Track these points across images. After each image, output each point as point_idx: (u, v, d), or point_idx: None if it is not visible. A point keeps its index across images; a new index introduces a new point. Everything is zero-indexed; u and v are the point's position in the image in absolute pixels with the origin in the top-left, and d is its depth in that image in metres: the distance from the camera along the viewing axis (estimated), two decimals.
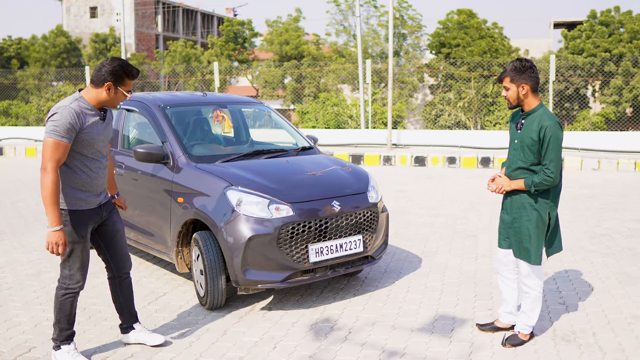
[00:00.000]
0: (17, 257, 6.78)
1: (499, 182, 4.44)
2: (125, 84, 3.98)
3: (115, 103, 4.05)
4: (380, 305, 5.29)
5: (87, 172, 3.99)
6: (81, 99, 3.96)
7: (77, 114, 3.85)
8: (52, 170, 3.75)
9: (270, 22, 38.16)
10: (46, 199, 3.75)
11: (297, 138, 6.35)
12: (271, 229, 4.82)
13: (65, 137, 3.78)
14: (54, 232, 3.77)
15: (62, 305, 4.08)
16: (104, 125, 4.06)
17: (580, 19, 40.76)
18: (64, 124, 3.79)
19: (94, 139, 3.97)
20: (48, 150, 3.77)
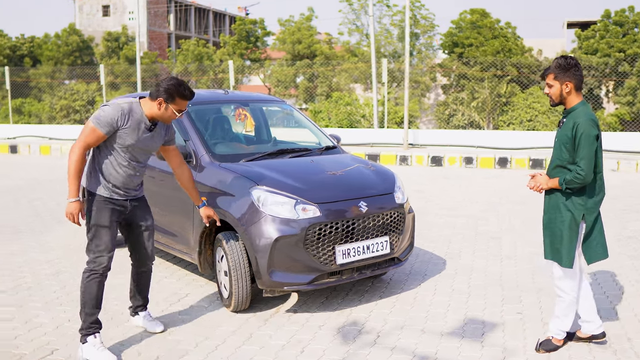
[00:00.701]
0: (35, 257, 6.70)
1: (537, 180, 4.32)
2: (177, 102, 4.16)
3: (165, 119, 4.22)
4: (408, 308, 5.18)
5: (117, 169, 4.21)
6: (136, 103, 4.19)
7: (124, 113, 4.09)
8: (79, 150, 4.03)
9: (283, 21, 38.06)
10: (69, 173, 4.06)
11: (320, 137, 6.24)
12: (298, 229, 4.71)
13: (103, 128, 4.05)
14: (70, 203, 4.09)
15: (87, 287, 4.24)
16: (149, 136, 4.24)
17: (593, 19, 40.42)
18: (107, 116, 4.06)
19: (131, 144, 4.17)
20: (84, 132, 4.09)
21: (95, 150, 4.24)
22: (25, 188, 11.46)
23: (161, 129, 4.37)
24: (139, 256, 4.56)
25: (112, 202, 4.25)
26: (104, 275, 4.27)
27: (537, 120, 26.82)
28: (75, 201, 4.09)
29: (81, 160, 4.05)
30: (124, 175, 4.24)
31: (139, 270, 4.63)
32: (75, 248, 7.05)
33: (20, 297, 5.43)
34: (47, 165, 15.13)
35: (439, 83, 36.58)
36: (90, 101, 26.49)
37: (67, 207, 4.11)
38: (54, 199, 10.22)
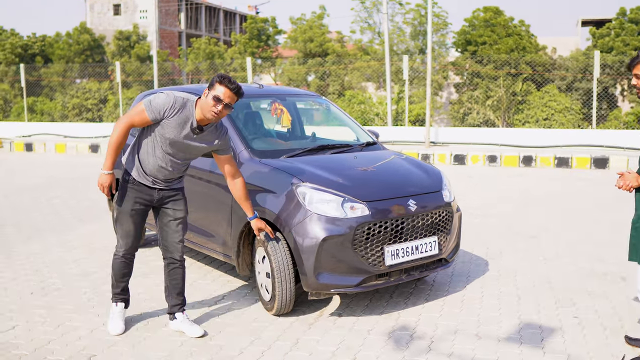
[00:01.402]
0: (60, 256, 6.47)
1: (626, 178, 4.03)
2: (215, 88, 4.04)
3: (207, 108, 4.05)
4: (457, 312, 4.91)
5: (150, 156, 4.20)
6: (191, 102, 4.13)
7: (174, 106, 4.05)
8: (123, 126, 4.07)
9: (294, 20, 37.84)
10: (108, 144, 4.12)
11: (359, 133, 5.98)
12: (346, 229, 4.45)
13: (150, 113, 4.05)
14: (103, 174, 4.15)
15: (113, 264, 4.49)
16: (193, 138, 4.15)
17: (608, 17, 40.04)
18: (158, 104, 4.05)
19: (171, 139, 4.11)
20: (134, 109, 4.11)
21: (141, 131, 4.25)
22: (43, 186, 11.25)
23: (212, 136, 4.24)
24: (166, 246, 4.46)
25: (139, 189, 4.28)
26: (126, 258, 4.43)
27: (553, 119, 26.49)
28: (108, 174, 4.15)
29: (123, 135, 4.08)
30: (155, 165, 4.21)
31: (169, 264, 4.51)
32: (100, 247, 6.82)
33: (50, 299, 5.19)
34: (64, 164, 14.93)
35: (452, 81, 36.26)
36: (102, 100, 26.35)
37: (99, 178, 4.17)
38: (73, 197, 10.01)
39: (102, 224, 7.98)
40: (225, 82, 4.04)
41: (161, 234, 4.49)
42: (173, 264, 4.51)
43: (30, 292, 5.34)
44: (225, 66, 34.61)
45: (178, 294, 4.54)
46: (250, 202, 4.51)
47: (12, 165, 14.72)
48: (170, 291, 4.54)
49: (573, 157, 13.31)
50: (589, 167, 13.20)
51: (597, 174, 12.58)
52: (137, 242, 4.45)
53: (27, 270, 5.97)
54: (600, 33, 36.68)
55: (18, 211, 8.88)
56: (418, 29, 37.51)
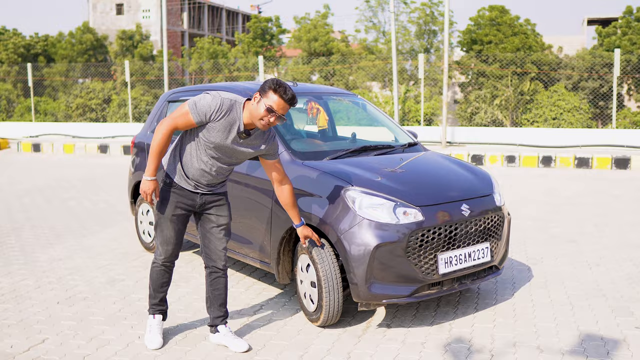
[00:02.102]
0: (83, 263, 6.19)
1: None
2: (268, 96, 3.76)
3: (256, 116, 3.79)
4: (511, 322, 4.64)
5: (193, 161, 3.95)
6: (239, 104, 3.87)
7: (221, 109, 3.78)
8: (166, 129, 3.81)
9: (299, 19, 37.60)
10: (151, 149, 3.85)
11: (398, 133, 5.70)
12: (399, 236, 4.18)
13: (195, 116, 3.78)
14: (146, 181, 3.90)
15: (151, 273, 4.24)
16: (239, 143, 3.90)
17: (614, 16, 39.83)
18: (204, 106, 3.78)
19: (215, 143, 3.86)
20: (178, 112, 3.84)
21: (183, 133, 4.02)
22: (55, 187, 10.97)
23: (259, 140, 3.96)
24: (209, 254, 4.20)
25: (181, 193, 4.03)
26: (166, 266, 4.20)
27: (562, 119, 26.26)
28: (151, 180, 3.90)
29: (166, 139, 3.83)
30: (198, 169, 3.96)
31: (211, 273, 4.23)
32: (124, 253, 6.54)
33: (78, 309, 4.91)
34: (74, 164, 14.66)
35: (457, 81, 35.98)
36: (106, 99, 26.09)
37: (142, 184, 3.93)
38: (88, 199, 9.73)
39: (123, 228, 7.71)
40: (280, 92, 3.74)
41: (203, 241, 4.22)
42: (216, 273, 4.23)
43: (56, 302, 5.07)
44: (229, 65, 34.33)
45: (221, 305, 4.26)
46: (297, 209, 4.24)
47: (21, 166, 14.44)
48: (213, 302, 4.26)
49: (593, 158, 13.05)
50: (609, 168, 12.94)
51: (618, 174, 12.33)
52: (177, 249, 4.18)
53: (51, 278, 5.69)
54: (607, 32, 36.47)
55: (33, 214, 8.61)
56: (423, 28, 37.24)
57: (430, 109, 26.82)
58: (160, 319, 4.29)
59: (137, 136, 6.68)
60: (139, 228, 6.62)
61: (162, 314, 4.32)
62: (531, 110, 28.27)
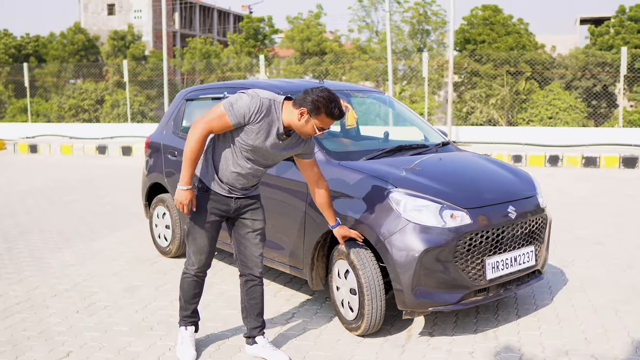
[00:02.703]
0: (98, 269, 5.92)
1: None
2: (321, 119, 3.53)
3: (303, 132, 3.60)
4: (557, 329, 4.43)
5: (229, 165, 3.68)
6: (278, 103, 3.59)
7: (260, 110, 3.51)
8: (200, 133, 3.51)
9: (291, 19, 37.37)
10: (184, 156, 3.57)
11: (428, 132, 5.48)
12: (447, 240, 3.96)
13: (233, 118, 3.50)
14: (181, 191, 3.62)
15: (181, 285, 3.98)
16: (279, 144, 3.64)
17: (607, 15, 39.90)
18: (242, 107, 3.49)
19: (253, 146, 3.60)
20: (212, 113, 3.54)
21: (216, 136, 3.72)
22: (56, 189, 10.67)
23: (297, 140, 3.72)
24: (244, 261, 3.94)
25: (215, 199, 3.77)
26: (199, 277, 3.93)
27: (557, 118, 26.17)
28: (186, 189, 3.61)
29: (201, 144, 3.54)
30: (234, 174, 3.70)
31: (247, 281, 3.98)
32: (138, 258, 6.28)
33: (99, 318, 4.65)
34: (72, 165, 14.35)
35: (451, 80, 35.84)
36: (99, 100, 25.72)
37: (177, 195, 3.64)
38: (92, 201, 9.44)
39: (133, 232, 7.44)
40: (336, 114, 3.52)
41: (238, 247, 3.95)
42: (252, 281, 3.97)
43: (75, 311, 4.81)
44: (222, 66, 34.08)
45: (258, 314, 4.02)
46: (333, 209, 4.01)
47: (19, 168, 14.11)
48: (249, 312, 4.00)
49: (601, 157, 12.91)
50: (617, 167, 12.80)
51: (627, 173, 12.19)
52: (211, 258, 3.92)
53: (65, 285, 5.43)
54: (600, 31, 36.49)
55: (38, 217, 8.31)
56: (416, 28, 37.10)
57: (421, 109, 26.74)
58: (192, 331, 4.05)
59: (152, 136, 6.43)
60: (154, 232, 6.36)
61: (195, 325, 4.08)
62: (527, 109, 28.18)
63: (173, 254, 6.16)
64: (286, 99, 3.63)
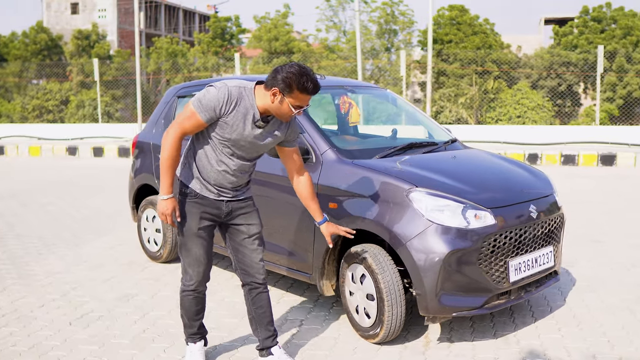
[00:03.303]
0: (86, 276, 5.60)
1: None
2: (295, 96, 3.24)
3: (281, 115, 3.33)
4: (577, 331, 4.29)
5: (212, 163, 3.43)
6: (249, 90, 3.33)
7: (230, 99, 3.26)
8: (173, 138, 3.30)
9: (258, 18, 37.03)
10: (161, 164, 3.36)
11: (433, 129, 5.29)
12: (472, 241, 3.77)
13: (203, 113, 3.27)
14: (162, 201, 3.40)
15: (182, 303, 3.66)
16: (258, 133, 3.37)
17: (570, 16, 40.46)
18: (210, 100, 3.25)
19: (232, 140, 3.35)
20: (182, 115, 3.33)
21: (194, 136, 3.47)
22: (29, 192, 10.21)
23: (278, 126, 3.45)
24: (245, 269, 3.66)
25: (203, 203, 3.48)
26: (199, 292, 3.62)
27: (526, 117, 26.38)
28: (168, 198, 3.39)
29: (176, 149, 3.33)
30: (219, 173, 3.43)
31: (251, 290, 3.69)
32: (128, 264, 5.97)
33: (95, 330, 4.35)
34: (43, 167, 13.86)
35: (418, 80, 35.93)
36: (63, 101, 25.05)
37: (159, 205, 3.41)
38: (69, 204, 9.06)
39: (118, 236, 7.10)
40: (310, 89, 3.22)
41: (236, 256, 3.67)
42: (256, 289, 3.69)
43: (68, 323, 4.49)
44: (189, 66, 33.60)
45: (268, 323, 3.75)
46: (317, 203, 3.70)
47: None
48: (259, 322, 3.73)
49: (580, 155, 12.95)
50: (596, 165, 12.86)
51: (605, 171, 12.24)
52: (209, 269, 3.61)
53: (53, 294, 5.10)
54: (564, 31, 37.00)
55: (12, 221, 7.90)
56: (384, 28, 37.11)
57: None
58: (201, 345, 3.80)
59: (140, 135, 6.13)
60: (143, 236, 6.06)
61: (203, 339, 3.82)
62: (495, 108, 28.39)
63: (164, 259, 5.88)
64: (257, 83, 3.36)
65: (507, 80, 31.69)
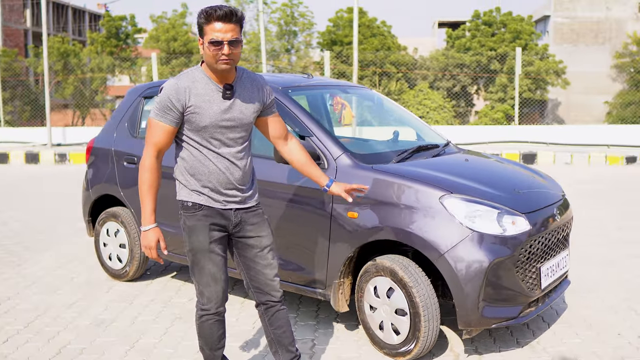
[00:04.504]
0: (43, 301, 4.95)
1: None
2: (208, 30, 2.89)
3: (211, 61, 2.93)
4: (593, 335, 4.22)
5: (204, 164, 3.07)
6: (197, 70, 3.05)
7: (181, 88, 2.97)
8: (147, 159, 3.04)
9: (155, 18, 35.83)
10: (140, 190, 3.06)
11: (424, 131, 5.07)
12: (512, 248, 3.59)
13: (164, 117, 2.99)
14: (144, 233, 3.07)
15: (201, 329, 3.25)
16: (229, 105, 3.04)
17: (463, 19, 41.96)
18: (164, 101, 2.98)
19: (208, 125, 3.01)
20: (148, 133, 3.07)
21: (177, 152, 3.17)
22: None
23: (247, 91, 3.10)
24: (259, 287, 3.29)
25: (210, 214, 3.11)
26: (220, 314, 3.21)
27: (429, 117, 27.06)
28: (149, 229, 3.05)
29: (153, 171, 3.04)
30: (219, 169, 3.07)
31: (267, 309, 3.32)
32: (87, 284, 5.36)
33: None
34: None
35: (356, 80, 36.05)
36: None
37: (143, 239, 3.08)
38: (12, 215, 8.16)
39: (60, 252, 6.39)
40: (213, 17, 2.88)
41: (248, 273, 3.29)
42: (273, 307, 3.31)
43: None
44: (82, 66, 32.02)
45: (290, 344, 3.36)
46: (317, 166, 3.40)
47: None
48: (280, 344, 3.35)
49: (502, 154, 13.28)
50: None
51: None
52: (227, 286, 3.20)
53: (15, 325, 4.45)
54: (457, 34, 38.34)
55: None
56: (284, 29, 36.96)
57: None
58: None
59: (97, 140, 5.52)
60: (103, 253, 5.48)
61: None
62: None
63: (130, 277, 5.34)
64: (202, 62, 3.06)
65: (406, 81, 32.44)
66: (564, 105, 39.49)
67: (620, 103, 34.70)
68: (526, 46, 37.09)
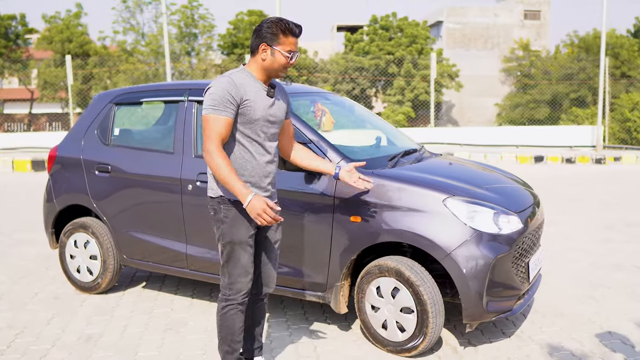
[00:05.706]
0: (18, 317, 4.73)
1: None
2: (282, 41, 3.24)
3: (277, 68, 3.29)
4: (568, 323, 4.57)
5: (254, 156, 3.33)
6: (242, 71, 3.34)
7: (237, 84, 3.22)
8: (214, 148, 3.16)
9: (48, 18, 34.33)
10: (223, 179, 3.14)
11: (396, 137, 5.25)
12: (510, 245, 3.86)
13: (224, 110, 3.18)
14: (250, 205, 3.11)
15: (223, 321, 3.40)
16: (272, 103, 3.36)
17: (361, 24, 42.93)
18: (220, 95, 3.17)
19: (260, 117, 3.30)
20: (206, 128, 3.20)
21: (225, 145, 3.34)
22: None
23: (279, 94, 3.48)
24: (262, 278, 3.58)
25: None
26: (244, 304, 3.42)
27: None
28: (252, 198, 3.10)
29: (225, 155, 3.18)
30: (262, 162, 3.35)
31: (256, 300, 3.62)
32: (55, 298, 5.16)
33: None
34: None
35: None
36: None
37: (251, 209, 3.11)
38: None
39: (16, 266, 6.10)
40: (293, 32, 3.26)
41: (258, 264, 3.55)
42: (261, 300, 3.65)
43: None
44: None
45: (260, 334, 3.74)
46: (321, 158, 3.85)
47: None
48: (252, 331, 3.68)
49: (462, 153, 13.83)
50: None
51: None
52: (253, 278, 3.46)
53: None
54: (355, 38, 39.18)
55: None
56: (184, 31, 36.45)
57: None
58: None
59: (61, 148, 5.33)
60: (69, 265, 5.30)
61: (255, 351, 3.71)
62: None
63: (102, 289, 5.21)
64: (244, 64, 3.39)
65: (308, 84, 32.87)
66: (458, 107, 41.30)
67: (509, 105, 36.79)
68: (422, 50, 38.44)
